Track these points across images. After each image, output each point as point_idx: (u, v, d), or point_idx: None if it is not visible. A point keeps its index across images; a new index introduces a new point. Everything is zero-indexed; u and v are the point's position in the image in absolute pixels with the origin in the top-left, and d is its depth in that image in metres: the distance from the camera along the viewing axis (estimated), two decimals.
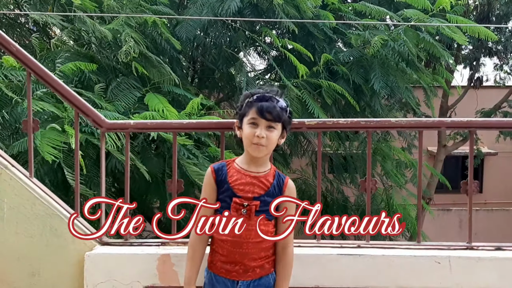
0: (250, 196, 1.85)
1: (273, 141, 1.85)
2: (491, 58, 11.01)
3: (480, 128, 2.44)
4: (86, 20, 4.38)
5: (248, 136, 1.84)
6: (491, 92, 12.70)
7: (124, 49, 4.14)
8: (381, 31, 5.51)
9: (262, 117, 1.82)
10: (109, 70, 4.66)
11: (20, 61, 2.33)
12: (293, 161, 6.83)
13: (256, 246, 1.88)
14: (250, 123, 1.84)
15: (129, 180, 2.41)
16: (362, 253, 2.19)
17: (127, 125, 2.41)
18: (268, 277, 1.92)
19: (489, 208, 14.15)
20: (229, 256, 1.88)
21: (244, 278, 1.88)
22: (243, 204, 1.84)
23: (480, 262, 2.15)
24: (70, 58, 4.32)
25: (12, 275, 2.27)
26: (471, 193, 2.27)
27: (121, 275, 2.21)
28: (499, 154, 13.97)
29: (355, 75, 5.40)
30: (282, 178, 1.93)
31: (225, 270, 1.90)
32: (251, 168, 1.89)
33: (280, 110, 1.84)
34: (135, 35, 4.37)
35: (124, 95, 4.33)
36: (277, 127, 1.85)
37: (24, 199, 2.26)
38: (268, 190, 1.87)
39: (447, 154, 11.91)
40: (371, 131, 2.43)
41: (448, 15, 5.33)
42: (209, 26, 5.57)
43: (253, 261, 1.88)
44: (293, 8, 5.25)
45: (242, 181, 1.87)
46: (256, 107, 1.83)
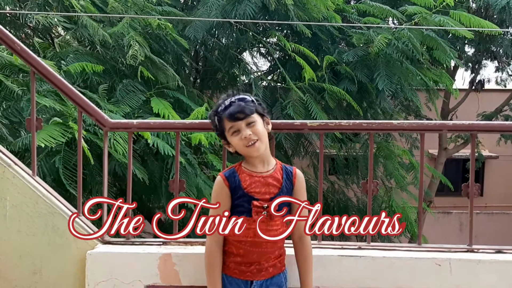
0: (267, 198, 1.86)
1: (261, 132, 1.86)
2: (493, 61, 11.01)
3: (482, 131, 2.45)
4: (88, 24, 4.39)
5: (238, 144, 1.85)
6: (492, 95, 12.70)
7: (130, 54, 4.16)
8: (385, 30, 5.51)
9: (236, 120, 1.83)
10: (113, 72, 4.67)
11: (25, 59, 2.34)
12: (294, 162, 6.84)
13: (274, 245, 1.90)
14: (232, 133, 1.85)
15: (131, 181, 2.41)
16: (363, 255, 2.20)
17: (130, 124, 2.42)
18: (280, 276, 1.94)
19: (489, 212, 14.14)
20: (246, 256, 1.89)
21: (258, 278, 1.90)
22: (263, 206, 1.85)
23: (481, 264, 2.15)
24: (76, 58, 4.34)
25: (14, 273, 2.28)
26: (472, 195, 2.27)
27: (123, 274, 2.22)
28: (500, 157, 13.96)
29: (360, 74, 5.40)
30: (289, 170, 1.95)
31: (239, 271, 1.90)
32: (259, 169, 1.90)
33: (246, 104, 1.85)
34: (139, 39, 4.38)
35: (128, 98, 4.35)
36: (255, 119, 1.86)
37: (27, 197, 2.27)
38: (282, 187, 1.89)
39: (448, 157, 11.91)
40: (373, 133, 2.44)
41: (452, 11, 5.32)
42: (217, 27, 5.59)
43: (269, 260, 1.90)
44: (302, 10, 5.27)
45: (257, 184, 1.87)
46: (226, 117, 1.84)
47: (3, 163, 2.26)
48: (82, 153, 3.36)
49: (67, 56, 4.35)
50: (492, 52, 10.13)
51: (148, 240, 2.43)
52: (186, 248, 2.29)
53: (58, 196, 2.35)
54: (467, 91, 11.80)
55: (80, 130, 2.44)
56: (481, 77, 11.86)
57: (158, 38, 4.99)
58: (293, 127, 2.39)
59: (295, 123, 2.34)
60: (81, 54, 4.49)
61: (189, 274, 2.19)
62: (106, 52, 4.74)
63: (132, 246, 2.33)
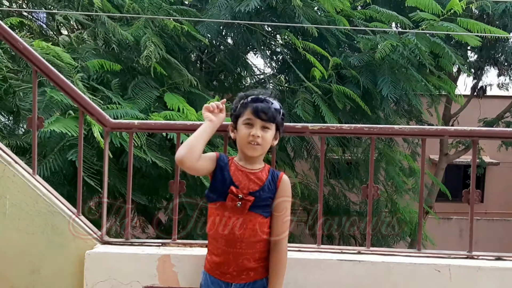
0: (245, 192, 1.88)
1: (268, 141, 1.89)
2: (495, 68, 11.01)
3: (483, 137, 2.44)
4: (106, 22, 4.43)
5: (243, 136, 1.87)
6: (494, 102, 12.68)
7: (144, 54, 4.19)
8: (392, 35, 5.52)
9: (257, 117, 1.86)
10: (127, 70, 4.70)
11: (27, 58, 2.34)
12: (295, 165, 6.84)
13: (251, 246, 1.88)
14: (245, 124, 1.88)
15: (131, 181, 2.41)
16: (362, 259, 2.19)
17: (131, 125, 2.41)
18: (263, 281, 1.92)
19: (489, 218, 14.12)
20: (223, 257, 1.89)
21: (238, 281, 1.89)
22: (238, 196, 1.86)
23: (480, 271, 2.15)
24: (93, 55, 4.38)
25: (12, 272, 2.27)
26: (472, 202, 2.27)
27: (121, 274, 2.22)
28: (501, 164, 13.95)
29: (365, 79, 5.41)
30: (276, 174, 1.96)
31: (219, 272, 1.90)
32: (246, 166, 1.93)
33: (274, 111, 1.89)
34: (155, 39, 4.41)
35: (143, 94, 4.38)
36: (271, 128, 1.89)
37: (27, 196, 2.27)
38: (263, 185, 1.90)
39: (449, 162, 11.90)
40: (374, 137, 2.44)
41: (459, 19, 5.33)
42: (226, 27, 5.61)
43: (247, 263, 1.89)
44: (312, 11, 5.29)
45: (240, 175, 1.90)
46: (251, 108, 1.87)
47: (3, 161, 2.26)
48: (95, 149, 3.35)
49: (85, 52, 4.38)
50: (494, 58, 10.14)
51: (147, 241, 2.43)
52: (185, 249, 2.29)
53: (58, 195, 2.35)
54: (469, 97, 11.80)
55: (81, 130, 2.44)
56: (483, 83, 11.86)
57: (170, 36, 5.01)
58: (294, 130, 2.39)
59: (296, 126, 2.34)
60: (97, 52, 4.53)
61: (188, 276, 2.19)
62: (121, 50, 4.77)
63: (131, 247, 2.32)
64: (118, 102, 4.07)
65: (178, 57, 5.09)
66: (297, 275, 2.13)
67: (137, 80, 4.52)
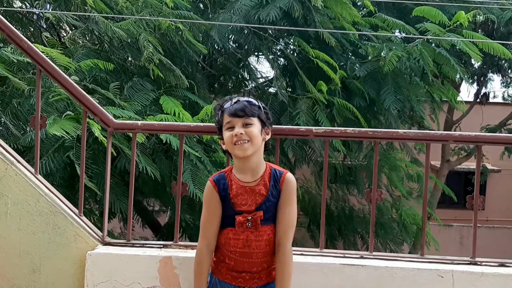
0: (253, 209, 1.85)
1: (255, 135, 1.83)
2: (498, 75, 11.01)
3: (488, 143, 2.42)
4: (99, 20, 4.41)
5: (228, 139, 1.84)
6: (496, 109, 12.67)
7: (145, 55, 4.17)
8: (397, 44, 5.53)
9: (235, 116, 1.83)
10: (121, 71, 4.68)
11: (31, 57, 2.34)
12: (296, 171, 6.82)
13: (265, 254, 1.88)
14: (227, 128, 1.85)
15: (133, 181, 2.40)
16: (365, 264, 2.18)
17: (135, 125, 2.41)
18: (274, 284, 1.90)
19: (491, 226, 14.06)
20: (237, 265, 1.88)
21: (250, 285, 1.88)
22: (248, 218, 1.84)
23: (484, 277, 2.13)
24: (85, 55, 4.35)
25: (13, 271, 2.26)
26: (476, 207, 2.26)
27: (122, 275, 2.20)
28: (502, 171, 13.90)
29: (369, 89, 5.41)
30: (279, 174, 1.90)
31: (231, 276, 1.89)
32: (247, 178, 1.87)
33: (251, 106, 1.85)
34: (151, 38, 4.39)
35: (139, 96, 4.36)
36: (254, 122, 1.84)
37: (29, 195, 2.26)
38: (267, 195, 1.86)
39: (450, 169, 11.86)
40: (378, 141, 2.42)
41: (465, 31, 5.35)
42: (237, 32, 5.62)
43: (260, 269, 1.88)
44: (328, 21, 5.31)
45: (244, 195, 1.86)
46: (227, 111, 1.85)
47: (5, 161, 2.26)
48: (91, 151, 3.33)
49: (77, 53, 4.36)
50: (498, 65, 10.14)
51: (149, 243, 2.42)
52: (186, 251, 2.28)
53: (60, 195, 2.34)
54: (472, 103, 11.78)
55: (85, 130, 2.44)
56: (486, 90, 11.86)
57: (171, 42, 4.99)
58: (298, 133, 2.38)
59: (300, 129, 2.34)
60: (90, 52, 4.50)
61: (189, 278, 2.16)
62: (114, 51, 4.75)
63: (132, 248, 2.31)
64: (118, 103, 4.04)
65: (182, 59, 5.08)
66: (300, 279, 2.12)
67: (133, 81, 4.50)
